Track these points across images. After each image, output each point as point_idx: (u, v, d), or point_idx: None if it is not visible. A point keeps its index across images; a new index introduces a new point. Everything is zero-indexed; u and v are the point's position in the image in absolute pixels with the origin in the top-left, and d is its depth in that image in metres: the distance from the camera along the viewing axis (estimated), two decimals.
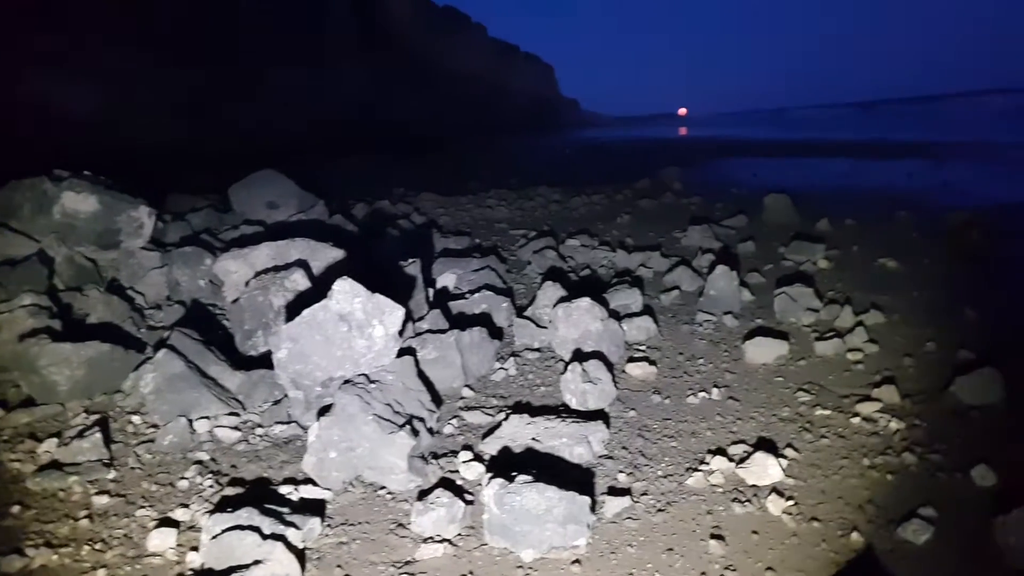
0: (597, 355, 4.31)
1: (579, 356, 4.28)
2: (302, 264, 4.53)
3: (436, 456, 3.52)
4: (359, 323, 3.47)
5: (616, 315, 5.09)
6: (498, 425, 3.63)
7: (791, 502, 3.08)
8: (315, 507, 3.04)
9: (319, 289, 3.86)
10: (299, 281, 4.35)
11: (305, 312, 3.48)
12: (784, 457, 3.41)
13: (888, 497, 3.11)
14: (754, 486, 3.21)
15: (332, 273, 4.14)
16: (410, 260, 5.00)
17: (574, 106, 78.26)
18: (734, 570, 2.69)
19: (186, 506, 3.09)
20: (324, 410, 3.35)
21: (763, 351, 4.68)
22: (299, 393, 3.58)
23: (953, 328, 4.98)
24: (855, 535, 2.86)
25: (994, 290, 5.74)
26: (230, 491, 3.17)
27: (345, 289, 3.49)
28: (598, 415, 3.79)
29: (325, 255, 4.82)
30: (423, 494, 3.06)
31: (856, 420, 3.77)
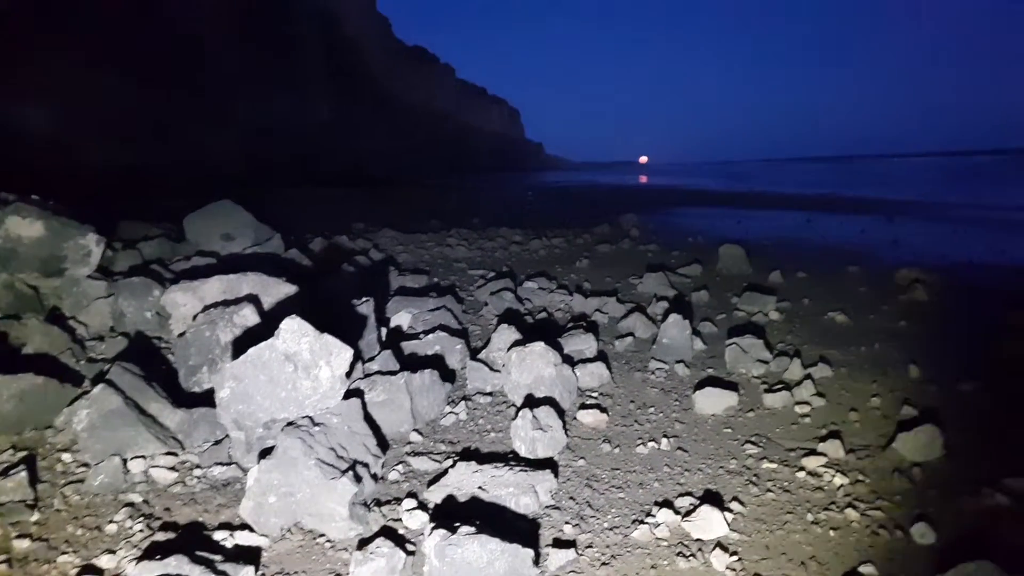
0: (549, 401, 4.29)
1: (530, 402, 4.25)
2: (252, 299, 4.45)
3: (379, 503, 3.43)
4: (306, 364, 3.40)
5: (570, 360, 5.09)
6: (444, 472, 3.57)
7: (735, 557, 3.06)
8: (250, 555, 2.93)
9: (268, 326, 3.78)
10: (248, 317, 4.27)
11: (251, 351, 3.40)
12: (730, 511, 3.41)
13: (830, 554, 3.12)
14: (699, 540, 3.19)
15: (283, 309, 4.08)
16: (364, 298, 4.94)
17: (539, 149, 79.35)
18: None
19: (112, 552, 2.95)
20: (265, 452, 3.25)
21: (713, 401, 4.71)
22: (240, 434, 3.48)
23: (897, 383, 5.09)
24: None
25: (938, 347, 5.89)
26: (161, 536, 3.05)
27: (293, 328, 3.42)
28: (547, 464, 3.76)
29: (277, 291, 4.75)
30: (363, 543, 2.97)
31: (801, 474, 3.80)
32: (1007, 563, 2.77)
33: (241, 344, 3.77)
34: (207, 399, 3.81)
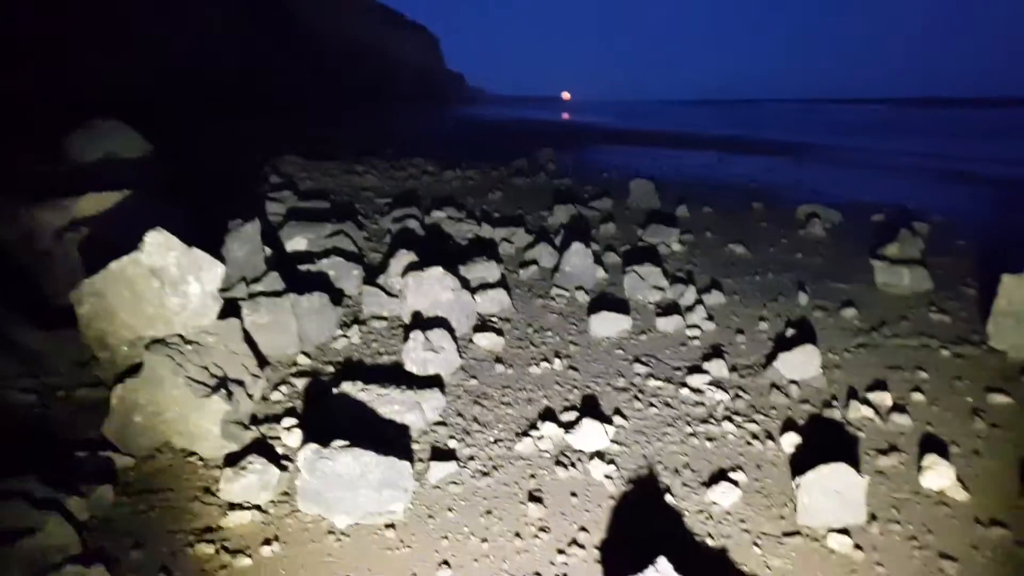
0: (442, 323, 4.26)
1: (423, 324, 4.20)
2: (125, 216, 4.19)
3: (258, 422, 3.34)
4: (173, 279, 3.23)
5: (470, 287, 5.05)
6: (329, 392, 3.50)
7: (612, 466, 3.14)
8: (108, 474, 2.81)
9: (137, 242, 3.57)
10: (119, 234, 4.02)
11: (111, 265, 3.19)
12: (612, 424, 3.48)
13: (704, 462, 3.23)
14: (580, 451, 3.26)
15: (154, 225, 3.85)
16: (251, 219, 4.72)
17: (459, 80, 77.42)
18: (548, 531, 2.71)
19: None
20: (131, 371, 3.10)
21: (607, 325, 4.78)
22: (106, 353, 3.30)
23: (785, 309, 5.29)
24: (668, 497, 2.96)
25: (827, 276, 6.14)
26: (15, 457, 2.88)
27: (158, 241, 3.23)
28: (435, 382, 3.74)
29: (153, 209, 4.49)
30: (235, 460, 2.89)
31: (685, 391, 3.91)
32: (862, 466, 2.96)
33: (105, 260, 3.54)
34: (73, 319, 3.59)
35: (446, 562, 2.52)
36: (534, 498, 2.90)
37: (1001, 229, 8.31)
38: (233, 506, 2.72)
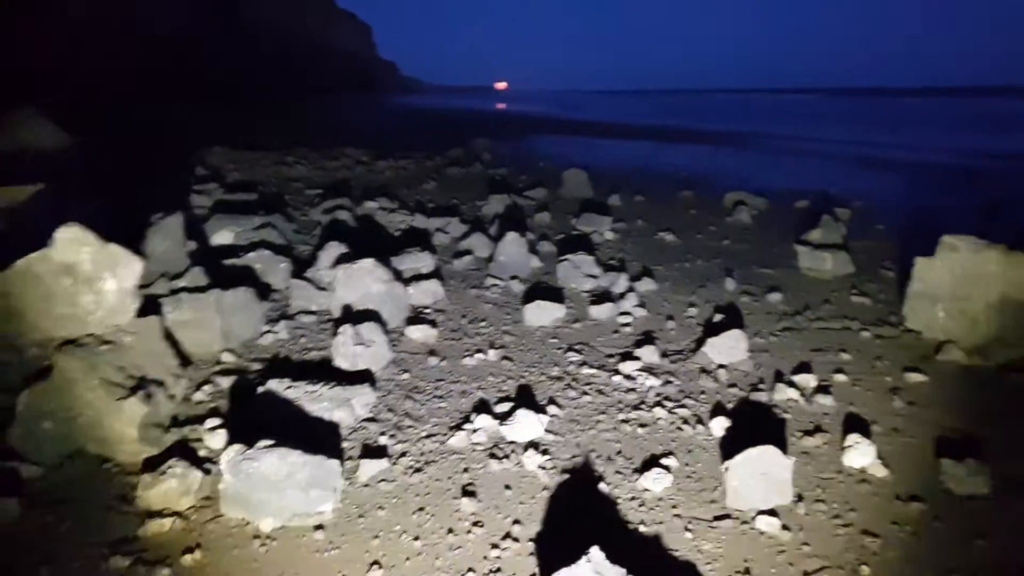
0: (373, 317, 4.17)
1: (353, 318, 4.11)
2: (39, 210, 3.96)
3: (179, 424, 3.20)
4: (87, 276, 3.06)
5: (403, 278, 4.96)
6: (255, 390, 3.38)
7: (547, 456, 3.13)
8: (12, 486, 2.64)
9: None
10: (31, 230, 3.79)
11: (18, 262, 3.00)
12: (546, 414, 3.47)
13: (636, 448, 3.25)
14: (514, 442, 3.23)
15: (75, 219, 3.64)
16: (174, 212, 4.53)
17: (392, 69, 76.34)
18: (482, 525, 2.67)
19: None
20: (41, 375, 2.93)
21: (542, 314, 4.77)
22: (13, 355, 3.10)
23: (714, 295, 5.38)
24: (602, 485, 2.96)
25: (754, 262, 6.27)
26: None
27: (71, 236, 3.05)
28: (366, 377, 3.65)
29: (70, 203, 4.26)
30: (155, 465, 2.75)
31: (617, 378, 3.93)
32: (788, 447, 3.02)
33: (13, 256, 3.33)
34: None
35: (377, 562, 2.46)
36: (467, 493, 2.87)
37: (917, 213, 8.66)
38: (152, 514, 2.59)
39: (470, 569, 2.46)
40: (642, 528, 2.71)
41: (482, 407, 3.55)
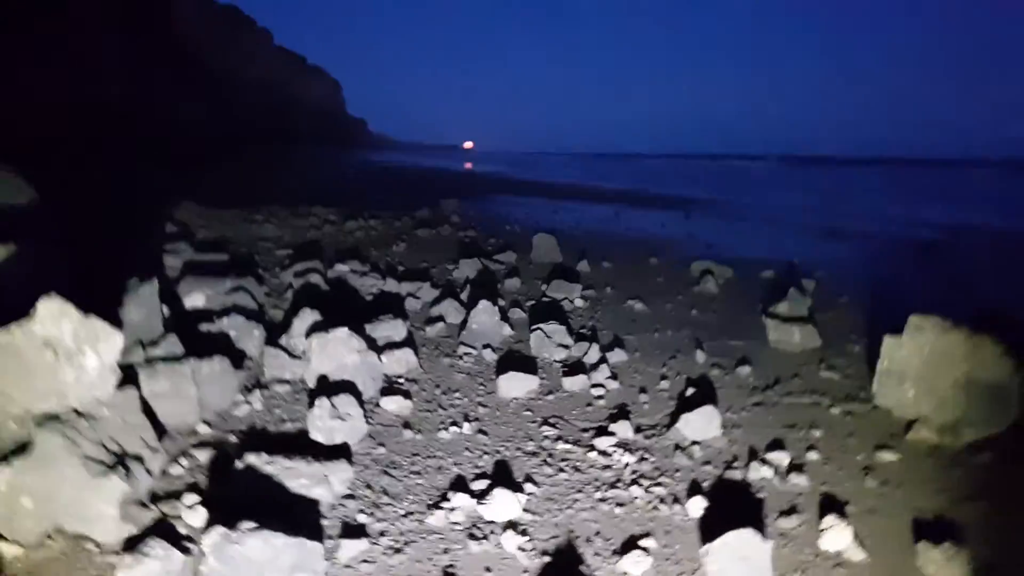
0: (349, 388, 4.19)
1: (329, 389, 4.12)
2: (10, 273, 3.92)
3: (158, 499, 3.18)
4: (68, 351, 3.05)
5: (377, 346, 5.00)
6: (233, 464, 3.36)
7: (526, 538, 3.16)
8: None
9: (25, 306, 3.35)
10: (4, 291, 3.76)
11: None
12: (524, 492, 3.51)
13: (615, 529, 3.31)
14: (492, 522, 3.26)
15: (47, 286, 3.62)
16: (147, 277, 4.52)
17: (361, 126, 77.39)
18: None
19: None
20: (19, 450, 2.88)
21: (515, 385, 4.84)
22: None
23: (685, 367, 5.52)
24: (582, 567, 3.00)
25: (723, 333, 6.45)
26: None
27: (52, 310, 3.05)
28: (342, 453, 3.66)
29: (42, 265, 4.23)
30: (133, 545, 2.72)
31: (593, 454, 4.00)
32: (766, 529, 3.09)
33: None
34: None
35: None
36: (448, 575, 2.87)
37: (879, 284, 9.00)
38: None
39: None
40: None
41: (459, 484, 3.58)
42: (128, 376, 3.52)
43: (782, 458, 4.00)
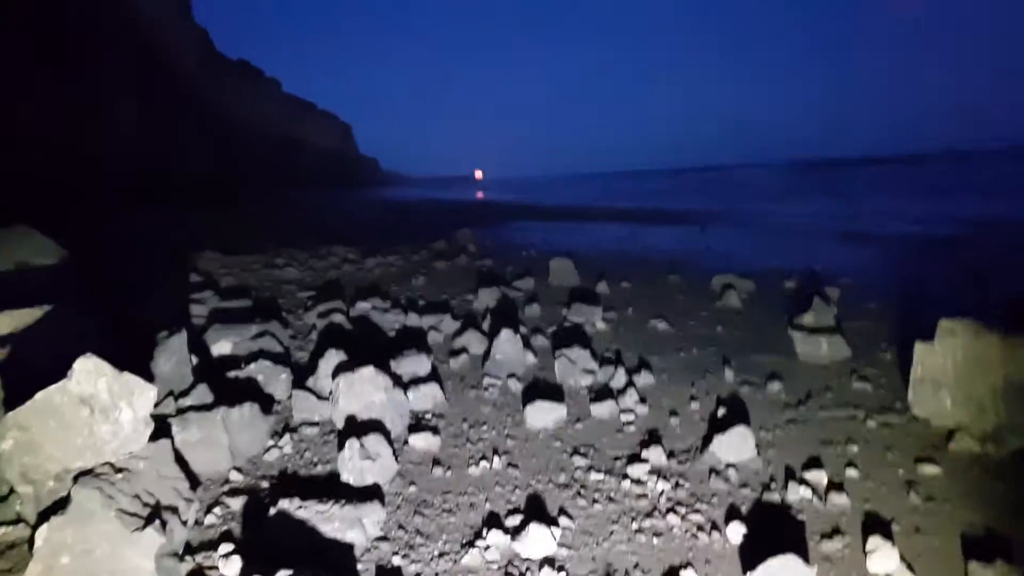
0: (377, 427, 4.18)
1: (358, 430, 4.11)
2: (44, 334, 3.98)
3: (192, 551, 3.18)
4: (104, 406, 3.08)
5: (402, 382, 5.00)
6: (266, 511, 3.36)
7: (563, 573, 3.11)
8: None
9: (61, 365, 3.39)
10: (38, 355, 3.81)
11: (38, 395, 3.04)
12: (558, 526, 3.46)
13: (653, 560, 3.25)
14: (528, 559, 3.22)
15: (80, 344, 3.67)
16: (176, 327, 4.58)
17: (373, 164, 78.61)
18: None
19: None
20: (57, 507, 2.90)
21: (543, 415, 4.80)
22: (29, 488, 3.09)
23: (714, 386, 5.47)
24: None
25: (749, 349, 6.38)
26: None
27: (88, 368, 3.09)
28: (375, 494, 3.64)
29: (74, 324, 4.29)
30: None
31: (626, 483, 3.95)
32: (809, 553, 3.01)
33: (27, 388, 3.34)
34: None
35: None
36: None
37: (906, 288, 8.89)
38: None
39: None
40: None
41: (492, 521, 3.55)
42: (161, 427, 3.54)
43: (820, 477, 3.92)
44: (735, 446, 4.21)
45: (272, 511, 3.31)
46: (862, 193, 34.57)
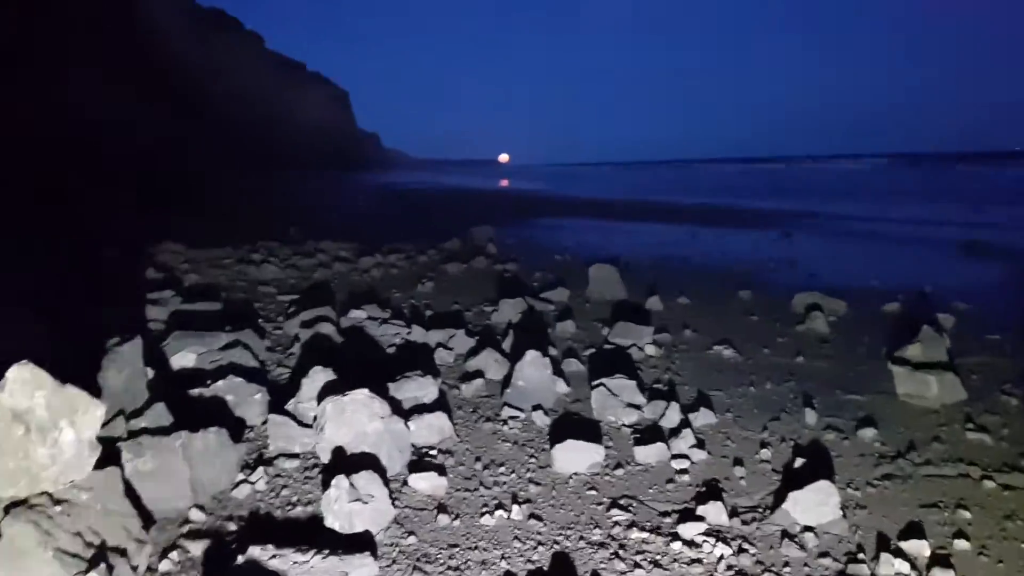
0: (371, 463, 4.24)
1: (348, 466, 4.17)
2: None
3: None
4: (41, 425, 3.17)
5: (403, 410, 5.06)
6: (233, 559, 3.42)
7: None
8: None
9: None
10: None
11: None
12: None
13: None
14: None
15: (19, 352, 3.77)
16: (130, 335, 4.67)
17: (374, 141, 79.08)
18: None
19: None
20: None
21: (575, 457, 4.83)
22: None
23: (791, 430, 5.46)
24: None
25: (838, 386, 6.36)
26: None
27: (24, 378, 3.18)
28: (366, 544, 3.70)
29: (12, 324, 4.42)
30: None
31: (677, 545, 3.96)
32: None
33: None
34: None
35: None
36: None
37: None
38: None
39: None
40: None
41: None
42: (109, 453, 3.62)
43: (922, 548, 3.90)
44: (814, 505, 4.20)
45: (240, 559, 3.37)
46: (987, 195, 34.15)
